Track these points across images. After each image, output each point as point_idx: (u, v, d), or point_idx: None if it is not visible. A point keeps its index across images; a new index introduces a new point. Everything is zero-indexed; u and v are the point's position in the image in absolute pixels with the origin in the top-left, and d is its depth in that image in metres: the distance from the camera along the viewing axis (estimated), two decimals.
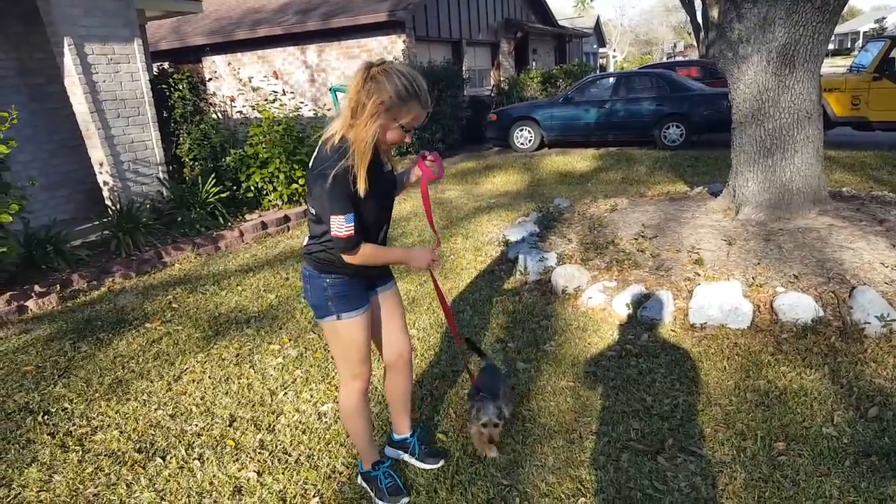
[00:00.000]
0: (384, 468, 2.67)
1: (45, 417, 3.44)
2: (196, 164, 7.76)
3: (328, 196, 2.15)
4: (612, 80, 13.11)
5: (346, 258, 2.28)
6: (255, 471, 2.90)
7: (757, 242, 4.94)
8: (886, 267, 4.38)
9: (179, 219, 6.99)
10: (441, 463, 2.85)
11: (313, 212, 2.32)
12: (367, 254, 2.30)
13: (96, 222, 6.69)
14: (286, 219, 7.59)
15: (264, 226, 7.30)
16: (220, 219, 7.29)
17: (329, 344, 2.56)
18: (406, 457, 2.90)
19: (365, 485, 2.71)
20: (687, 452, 2.87)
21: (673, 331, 4.13)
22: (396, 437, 2.93)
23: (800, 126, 5.14)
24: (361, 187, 2.16)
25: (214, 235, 6.86)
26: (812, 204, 5.34)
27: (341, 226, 2.17)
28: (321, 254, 2.37)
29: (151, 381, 3.82)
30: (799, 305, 4.05)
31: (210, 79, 8.32)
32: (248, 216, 7.67)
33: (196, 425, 3.31)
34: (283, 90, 8.94)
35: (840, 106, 10.64)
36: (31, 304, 5.10)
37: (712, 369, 3.59)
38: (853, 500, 2.49)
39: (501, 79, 18.88)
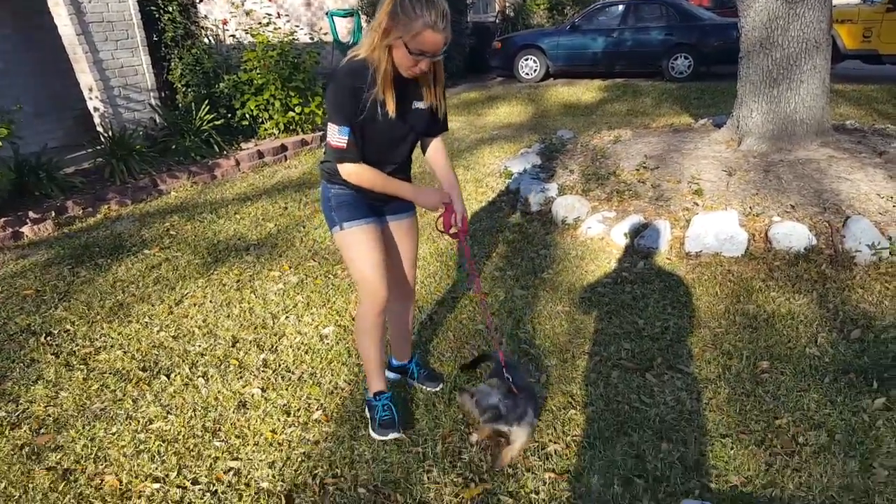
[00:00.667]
0: (384, 400, 2.64)
1: (48, 338, 3.52)
2: (189, 90, 7.61)
3: (329, 102, 2.14)
4: (621, 7, 12.69)
5: (341, 172, 2.26)
6: (259, 387, 2.99)
7: (757, 173, 4.94)
8: (882, 198, 4.40)
9: (174, 146, 6.92)
10: (440, 386, 2.92)
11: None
12: (364, 176, 2.26)
13: (89, 150, 6.62)
14: (283, 148, 7.53)
15: (261, 155, 7.24)
16: (216, 147, 7.22)
17: (345, 261, 2.51)
18: (405, 380, 2.98)
19: (367, 412, 2.75)
20: (674, 370, 2.97)
21: (668, 259, 4.18)
22: (396, 362, 3.00)
23: (807, 56, 5.06)
24: (369, 100, 2.13)
25: (210, 164, 6.81)
26: (815, 136, 5.31)
27: (334, 135, 2.15)
28: (327, 163, 2.38)
29: (152, 305, 3.88)
30: (793, 234, 4.10)
31: (201, 0, 8.06)
32: (243, 145, 7.60)
33: (199, 346, 3.39)
34: (278, 13, 8.67)
35: (851, 38, 10.41)
36: (26, 230, 5.12)
37: (704, 294, 3.66)
38: (829, 413, 2.60)
39: (507, 4, 18.31)
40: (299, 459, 2.51)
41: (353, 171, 2.25)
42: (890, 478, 2.25)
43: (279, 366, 3.18)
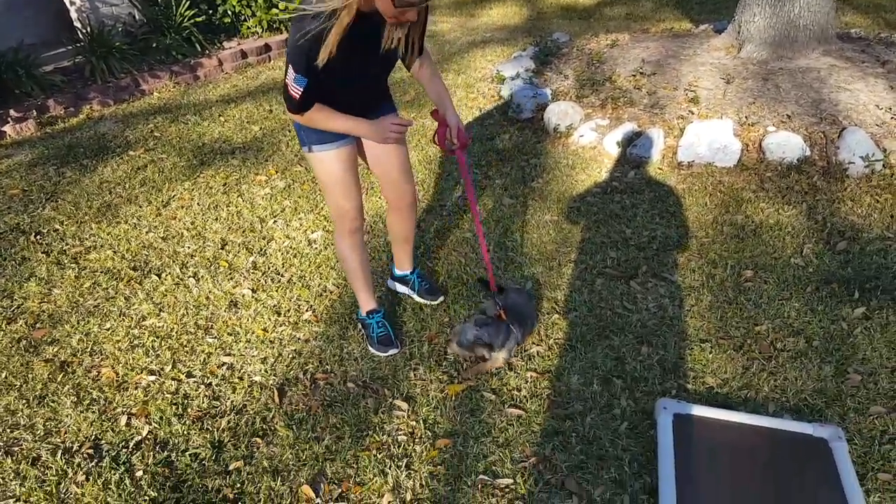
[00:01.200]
0: (377, 318, 2.65)
1: (38, 237, 3.51)
2: None
3: (290, 46, 1.91)
4: None
5: (290, 117, 2.11)
6: (249, 288, 3.03)
7: (755, 81, 4.85)
8: (880, 109, 4.35)
9: (154, 45, 6.66)
10: (440, 299, 2.91)
11: None
12: (313, 118, 2.09)
13: (68, 46, 6.36)
14: (267, 48, 7.26)
15: (244, 55, 7.00)
16: (197, 45, 6.95)
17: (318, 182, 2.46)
18: (407, 290, 2.97)
19: (362, 329, 2.74)
20: (658, 278, 3.02)
21: (660, 169, 4.16)
22: (398, 272, 2.98)
23: None
24: (322, 55, 1.87)
25: (192, 63, 6.58)
26: (817, 43, 5.17)
27: (291, 81, 1.96)
28: None
29: (140, 206, 3.85)
30: (787, 145, 4.06)
31: None
32: (226, 44, 7.32)
33: (188, 247, 3.40)
34: None
35: None
36: (7, 129, 4.99)
37: (693, 205, 3.67)
38: (808, 321, 2.67)
39: None
40: (290, 356, 2.58)
41: (305, 117, 2.09)
42: (863, 382, 2.35)
43: (268, 268, 3.20)
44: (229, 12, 7.41)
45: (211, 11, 7.34)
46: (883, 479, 1.95)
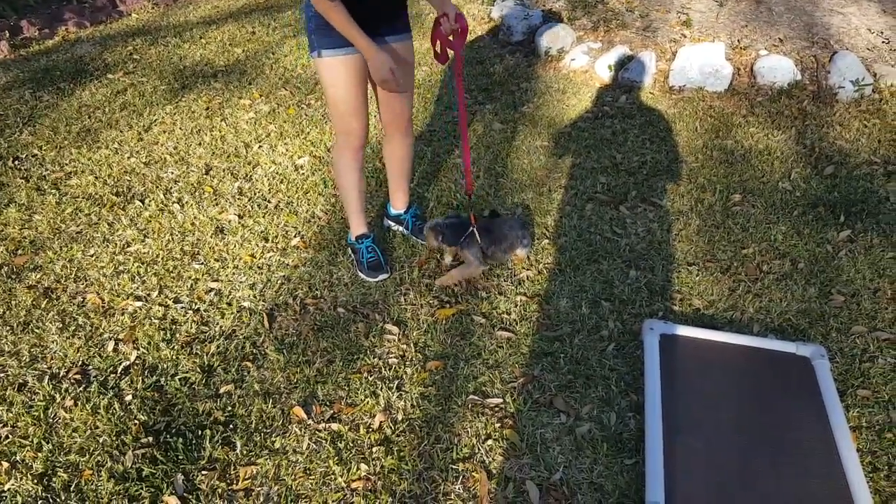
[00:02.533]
0: (368, 242, 2.62)
1: (16, 163, 3.42)
2: None
3: None
4: None
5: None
6: (235, 214, 2.99)
7: (748, 4, 4.72)
8: (872, 33, 4.27)
9: None
10: None
11: None
12: (331, 14, 2.01)
13: None
14: None
15: None
16: None
17: (323, 89, 2.35)
18: (402, 229, 2.88)
19: (351, 254, 2.71)
20: (648, 203, 3.01)
21: (651, 93, 4.09)
22: (392, 211, 2.87)
23: None
24: None
25: None
26: None
27: None
28: None
29: (121, 131, 3.75)
30: (778, 69, 4.00)
31: None
32: None
33: (172, 173, 3.33)
34: None
35: None
36: None
37: (684, 130, 3.63)
38: (794, 244, 2.69)
39: None
40: (279, 282, 2.57)
41: (323, 7, 2.01)
42: (846, 303, 2.39)
43: (255, 194, 3.15)
44: None
45: None
46: (862, 395, 2.01)
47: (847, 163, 3.26)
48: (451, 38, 2.17)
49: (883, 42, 4.20)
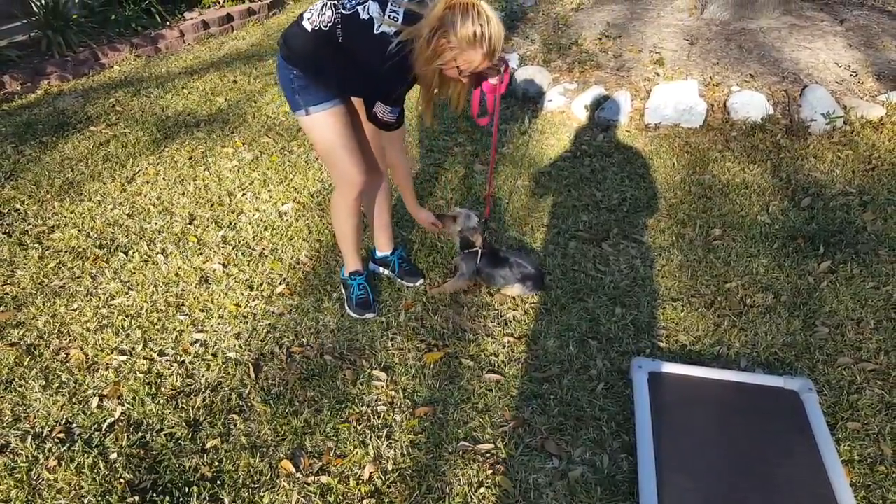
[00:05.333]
0: (360, 280, 2.66)
1: None
2: None
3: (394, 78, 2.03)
4: None
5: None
6: (220, 263, 2.98)
7: (718, 42, 4.88)
8: (840, 66, 4.41)
9: (113, 17, 6.42)
10: (420, 282, 2.82)
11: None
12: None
13: (23, 21, 6.09)
14: (229, 17, 7.06)
15: (206, 25, 6.79)
16: (157, 17, 6.72)
17: (314, 146, 2.40)
18: (387, 272, 2.89)
19: (342, 290, 2.75)
20: (629, 239, 3.05)
21: (628, 131, 4.17)
22: (378, 254, 2.89)
23: None
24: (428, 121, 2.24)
25: (153, 35, 6.37)
26: (777, 3, 5.23)
27: (385, 112, 2.12)
28: (294, 40, 2.13)
29: (104, 183, 3.75)
30: (751, 104, 4.11)
31: None
32: (187, 14, 7.08)
33: (155, 223, 3.32)
34: None
35: None
36: None
37: (662, 166, 3.70)
38: (776, 276, 2.73)
39: None
40: (265, 330, 2.55)
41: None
42: (830, 335, 2.41)
43: (239, 242, 3.15)
44: None
45: None
46: (852, 427, 2.02)
47: (823, 194, 3.33)
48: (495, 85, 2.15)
49: (851, 75, 4.34)
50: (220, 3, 7.41)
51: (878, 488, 1.82)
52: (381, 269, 2.91)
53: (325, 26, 2.04)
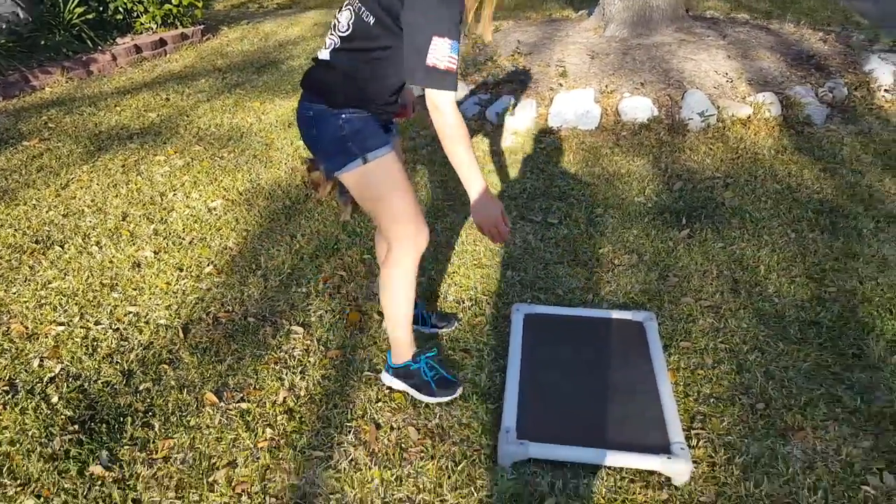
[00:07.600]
0: (426, 358, 2.21)
1: None
2: None
3: (443, 8, 1.63)
4: None
5: (449, 107, 1.72)
6: (152, 251, 3.24)
7: (616, 56, 5.43)
8: (718, 74, 5.01)
9: (43, 42, 6.59)
10: (456, 325, 2.62)
11: (371, 19, 1.75)
12: (458, 124, 1.74)
13: None
14: (162, 42, 7.31)
15: (138, 49, 7.03)
16: (89, 42, 6.91)
17: (366, 203, 1.95)
18: (426, 329, 2.59)
19: (398, 383, 2.24)
20: (526, 220, 3.46)
21: (534, 133, 4.64)
22: None
23: None
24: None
25: (85, 59, 6.56)
26: (670, 21, 5.84)
27: (445, 52, 1.61)
28: (349, 82, 1.84)
29: (38, 189, 3.95)
30: (639, 107, 4.64)
31: None
32: (119, 40, 7.30)
33: (89, 221, 3.56)
34: None
35: None
36: None
37: (560, 162, 4.16)
38: (642, 242, 3.18)
39: None
40: (193, 302, 2.83)
41: (456, 117, 1.74)
42: (679, 282, 2.86)
43: (170, 233, 3.42)
44: (121, 9, 7.40)
45: (101, 8, 7.30)
46: (683, 345, 2.45)
47: (693, 179, 3.83)
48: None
49: (727, 81, 4.94)
50: (153, 28, 7.66)
51: (696, 385, 2.26)
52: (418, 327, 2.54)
53: (344, 32, 1.82)
